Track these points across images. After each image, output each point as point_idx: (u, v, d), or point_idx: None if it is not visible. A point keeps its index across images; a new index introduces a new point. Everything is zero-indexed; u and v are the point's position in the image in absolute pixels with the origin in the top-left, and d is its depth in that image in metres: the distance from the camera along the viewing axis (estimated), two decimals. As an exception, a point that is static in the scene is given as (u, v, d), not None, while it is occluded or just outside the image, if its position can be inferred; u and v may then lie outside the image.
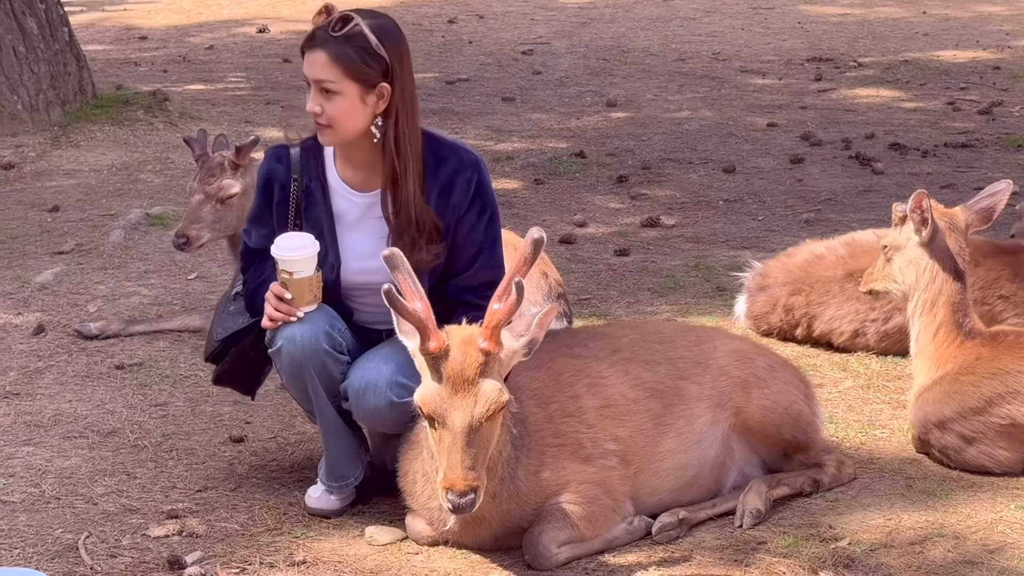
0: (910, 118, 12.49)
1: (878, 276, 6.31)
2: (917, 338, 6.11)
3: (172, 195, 10.10)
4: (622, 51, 15.59)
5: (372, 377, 5.27)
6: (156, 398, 6.73)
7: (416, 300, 4.84)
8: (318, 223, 5.41)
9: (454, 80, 13.99)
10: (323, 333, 5.29)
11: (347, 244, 5.44)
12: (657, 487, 5.46)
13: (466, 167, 5.44)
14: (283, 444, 6.25)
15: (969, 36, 16.24)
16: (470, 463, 4.78)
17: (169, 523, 5.48)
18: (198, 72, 14.50)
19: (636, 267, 8.63)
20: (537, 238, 4.90)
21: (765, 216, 9.70)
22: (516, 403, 5.12)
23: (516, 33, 16.63)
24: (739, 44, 15.97)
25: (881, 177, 10.54)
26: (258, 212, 5.59)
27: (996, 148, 11.38)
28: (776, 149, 11.44)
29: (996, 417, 5.80)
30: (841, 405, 6.61)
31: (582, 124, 12.43)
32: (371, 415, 5.36)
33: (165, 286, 8.30)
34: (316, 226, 5.40)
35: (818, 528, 5.43)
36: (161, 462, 6.07)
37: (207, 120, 11.84)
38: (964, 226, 6.10)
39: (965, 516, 5.53)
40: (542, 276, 6.87)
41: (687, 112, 12.81)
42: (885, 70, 14.47)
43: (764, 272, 7.54)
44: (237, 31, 16.75)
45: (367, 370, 5.30)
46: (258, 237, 5.56)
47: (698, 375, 5.60)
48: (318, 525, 5.53)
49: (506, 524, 5.20)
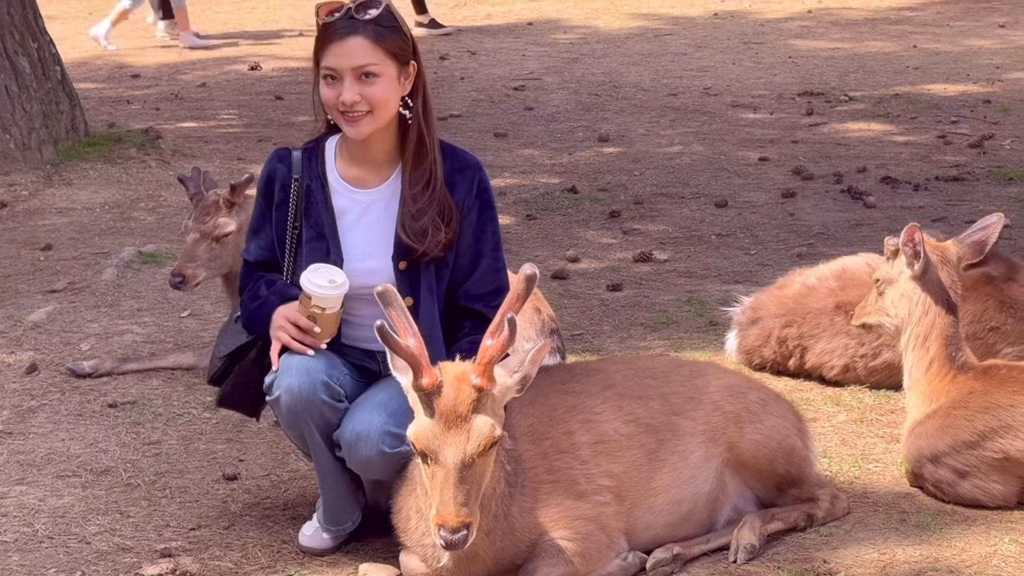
0: (901, 152, 12.51)
1: (870, 310, 6.31)
2: (910, 372, 6.11)
3: (165, 233, 10.10)
4: (613, 86, 15.62)
5: (363, 428, 5.25)
6: (149, 436, 6.72)
7: (409, 336, 4.84)
8: (318, 223, 5.41)
9: (446, 116, 14.00)
10: (321, 384, 5.28)
11: (349, 243, 5.44)
12: (651, 522, 5.46)
13: (469, 166, 5.53)
14: (276, 482, 6.24)
15: (959, 70, 16.27)
16: (463, 499, 4.77)
17: (163, 562, 5.47)
18: (190, 110, 14.51)
19: (629, 302, 8.64)
20: (530, 274, 4.90)
21: (757, 250, 9.71)
22: (510, 440, 5.12)
23: (508, 69, 16.65)
24: (730, 79, 16.00)
25: (873, 211, 10.55)
26: (258, 221, 5.58)
27: (987, 181, 11.40)
28: (768, 183, 11.45)
29: (989, 451, 5.80)
30: (834, 439, 6.61)
31: (574, 159, 12.44)
32: (363, 465, 5.34)
33: (158, 324, 8.30)
34: (317, 226, 5.41)
35: (812, 563, 5.42)
36: (154, 500, 6.06)
37: (200, 157, 11.84)
38: (956, 259, 6.11)
39: (959, 550, 5.53)
40: (535, 312, 6.88)
41: (679, 147, 12.83)
42: (876, 104, 14.50)
43: (755, 305, 7.53)
44: (229, 68, 16.78)
45: (359, 421, 5.28)
46: (257, 250, 5.56)
47: (691, 410, 5.60)
48: (312, 563, 5.52)
49: (500, 561, 5.19)
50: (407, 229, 5.37)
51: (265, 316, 5.38)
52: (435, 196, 5.38)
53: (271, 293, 5.44)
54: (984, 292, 7.10)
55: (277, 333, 5.32)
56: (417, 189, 5.38)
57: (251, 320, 5.50)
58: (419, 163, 5.41)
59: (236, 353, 5.63)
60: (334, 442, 5.37)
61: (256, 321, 5.46)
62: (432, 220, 5.35)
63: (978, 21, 19.61)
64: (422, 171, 5.40)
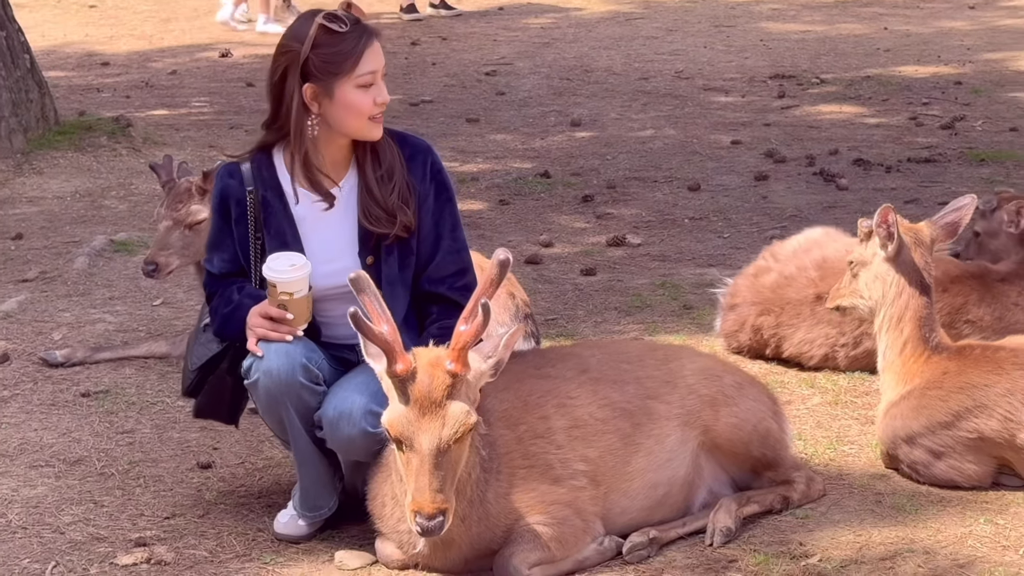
0: (873, 134, 12.52)
1: (844, 292, 6.32)
2: (884, 353, 6.12)
3: (136, 221, 10.06)
4: (585, 71, 15.60)
5: (346, 407, 5.25)
6: (123, 425, 6.70)
7: (383, 323, 4.83)
8: (280, 232, 5.40)
9: (418, 102, 13.97)
10: (300, 366, 5.28)
11: (313, 247, 5.43)
12: (627, 507, 5.46)
13: (420, 151, 5.54)
14: (251, 470, 6.22)
15: (930, 51, 16.29)
16: (438, 486, 4.77)
17: (137, 551, 5.45)
18: (161, 97, 14.45)
19: (603, 286, 8.63)
20: (503, 259, 4.90)
21: (731, 233, 9.71)
22: (485, 425, 5.12)
23: (479, 54, 16.62)
24: (702, 62, 15.98)
25: (845, 193, 10.56)
26: (217, 236, 5.55)
27: (959, 163, 11.42)
28: (740, 166, 11.45)
29: (964, 431, 5.81)
30: (809, 422, 6.62)
31: (546, 144, 12.43)
32: (345, 444, 5.34)
33: (130, 313, 8.26)
34: (279, 235, 5.39)
35: (788, 545, 5.43)
36: (128, 490, 6.04)
37: (171, 145, 11.78)
38: (930, 241, 6.11)
39: (935, 531, 5.54)
40: (509, 296, 6.87)
41: (651, 131, 12.82)
42: (847, 86, 14.51)
43: (733, 291, 7.53)
44: (200, 56, 16.70)
45: (341, 400, 5.28)
46: (220, 262, 5.53)
47: (666, 394, 5.60)
48: (287, 551, 5.51)
49: (476, 547, 5.19)
50: (371, 217, 5.36)
51: (240, 319, 5.37)
52: (396, 179, 5.39)
53: (244, 296, 5.43)
54: (968, 285, 7.11)
55: (253, 330, 5.31)
56: (380, 175, 5.38)
57: (224, 324, 5.47)
58: (376, 153, 5.40)
59: (208, 364, 5.61)
60: (314, 423, 5.36)
61: (230, 324, 5.43)
62: (397, 201, 5.36)
63: (948, 3, 19.64)
64: (380, 159, 5.40)
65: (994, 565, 5.27)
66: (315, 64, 5.29)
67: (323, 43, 5.29)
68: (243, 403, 5.76)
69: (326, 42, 5.29)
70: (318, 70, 5.29)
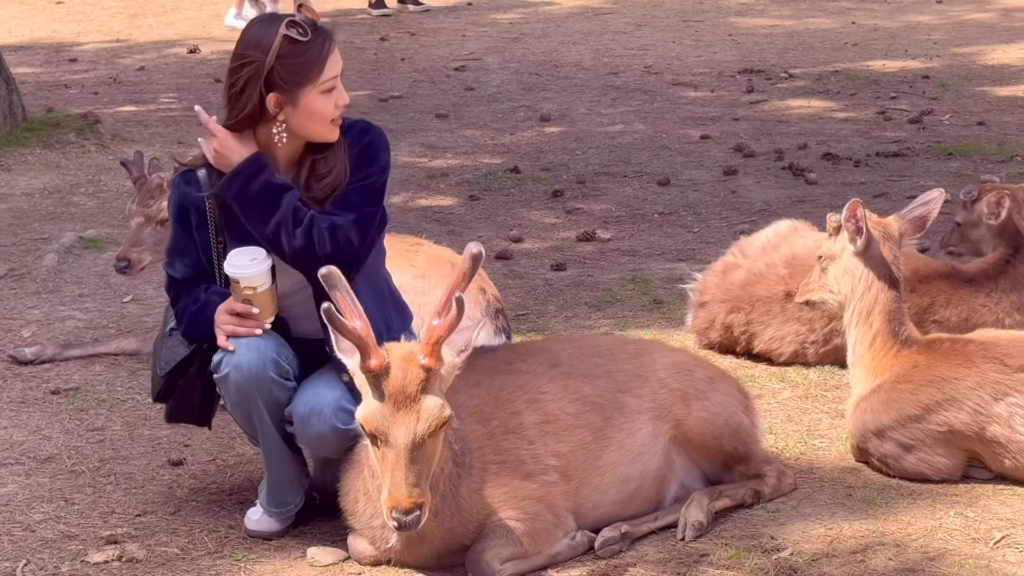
0: (842, 128, 12.56)
1: (814, 287, 6.34)
2: (854, 347, 6.14)
3: (106, 218, 10.03)
4: (554, 66, 15.61)
5: (317, 403, 5.25)
6: (93, 423, 6.68)
7: (355, 318, 4.83)
8: (242, 236, 5.37)
9: (387, 98, 13.96)
10: (270, 360, 5.27)
11: None
12: (599, 501, 5.47)
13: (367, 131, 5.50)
14: (222, 466, 6.21)
15: (898, 46, 16.34)
16: (414, 480, 4.77)
17: (108, 548, 5.43)
18: (129, 94, 14.40)
19: (573, 281, 8.64)
20: (476, 253, 4.91)
21: (700, 228, 9.73)
22: (457, 420, 5.12)
23: (448, 50, 16.61)
24: (670, 57, 16.01)
25: (814, 187, 10.59)
26: (178, 242, 5.51)
27: (927, 156, 11.46)
28: (710, 161, 11.48)
29: (934, 424, 5.84)
30: (780, 416, 6.63)
31: (516, 139, 12.43)
32: (315, 440, 5.34)
33: (100, 309, 8.24)
34: (241, 239, 5.36)
35: (760, 539, 5.44)
36: (99, 487, 6.02)
37: (139, 142, 11.75)
38: (898, 235, 6.14)
39: (905, 524, 5.56)
40: (480, 292, 6.87)
41: (620, 126, 12.84)
42: (816, 81, 14.55)
43: (701, 288, 7.52)
44: (168, 52, 16.65)
45: (312, 395, 5.28)
46: (183, 267, 5.51)
47: (638, 388, 5.61)
48: (259, 547, 5.50)
49: (449, 542, 5.19)
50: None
51: (208, 317, 5.35)
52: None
53: (211, 294, 5.41)
54: (936, 286, 7.12)
55: (221, 327, 5.30)
56: (316, 158, 5.37)
57: (193, 322, 5.44)
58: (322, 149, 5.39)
59: (177, 369, 5.60)
60: (284, 418, 5.36)
61: (199, 323, 5.41)
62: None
63: (916, -3, 19.73)
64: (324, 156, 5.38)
65: (964, 558, 5.29)
66: (280, 74, 5.24)
67: (287, 53, 5.24)
68: (215, 404, 5.73)
69: (290, 52, 5.25)
70: (283, 80, 5.25)
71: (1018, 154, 11.43)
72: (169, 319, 5.65)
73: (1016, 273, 7.16)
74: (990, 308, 7.08)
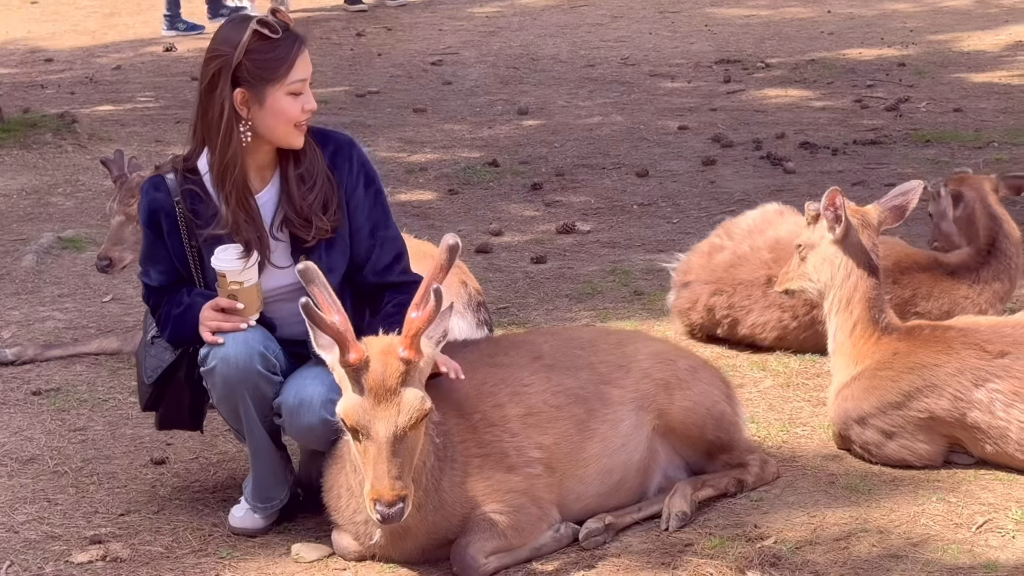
0: (819, 117, 12.58)
1: (793, 275, 6.35)
2: (834, 335, 6.15)
3: (84, 218, 10.01)
4: (531, 59, 15.62)
5: (306, 395, 5.25)
6: (75, 423, 6.67)
7: (334, 313, 4.83)
8: (213, 240, 5.35)
9: (364, 93, 13.95)
10: (257, 354, 5.26)
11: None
12: (583, 493, 5.47)
13: (343, 146, 5.51)
14: (205, 464, 6.21)
15: (874, 33, 16.37)
16: (397, 473, 4.77)
17: (92, 548, 5.42)
18: (106, 93, 14.38)
19: (553, 274, 8.64)
20: (452, 244, 4.92)
21: (679, 219, 9.74)
22: (438, 414, 5.12)
23: (425, 44, 16.60)
24: (647, 48, 16.02)
25: (793, 176, 10.61)
26: (151, 250, 5.49)
27: (904, 144, 11.49)
28: (688, 152, 11.49)
29: (915, 411, 5.85)
30: (762, 404, 6.64)
31: (494, 133, 12.44)
32: (304, 433, 5.34)
33: (80, 309, 8.23)
34: (212, 243, 5.35)
35: (743, 528, 5.45)
36: (82, 487, 6.01)
37: (117, 141, 11.73)
38: (877, 223, 6.15)
39: (888, 510, 5.57)
40: (461, 285, 6.87)
41: (598, 118, 12.84)
42: (793, 70, 14.57)
43: (685, 268, 7.54)
44: (144, 50, 16.63)
45: (301, 388, 5.28)
46: (158, 275, 5.49)
47: (620, 379, 5.61)
48: (244, 545, 5.50)
49: (433, 536, 5.19)
50: (290, 219, 5.33)
51: (193, 318, 5.34)
52: (318, 183, 5.36)
53: (194, 296, 5.39)
54: (918, 278, 7.14)
55: (206, 323, 5.29)
56: (300, 172, 5.35)
57: (179, 324, 5.41)
58: (298, 156, 5.38)
59: (164, 376, 5.59)
60: (270, 413, 5.36)
61: (184, 324, 5.39)
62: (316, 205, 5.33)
63: (891, -15, 19.76)
64: (300, 163, 5.37)
65: (947, 543, 5.30)
66: (248, 70, 5.24)
67: (256, 49, 5.24)
68: (205, 408, 5.72)
69: (259, 48, 5.24)
70: (251, 76, 5.24)
71: (995, 140, 11.47)
72: (150, 327, 5.63)
73: (997, 263, 7.18)
74: (972, 299, 7.10)
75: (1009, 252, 7.20)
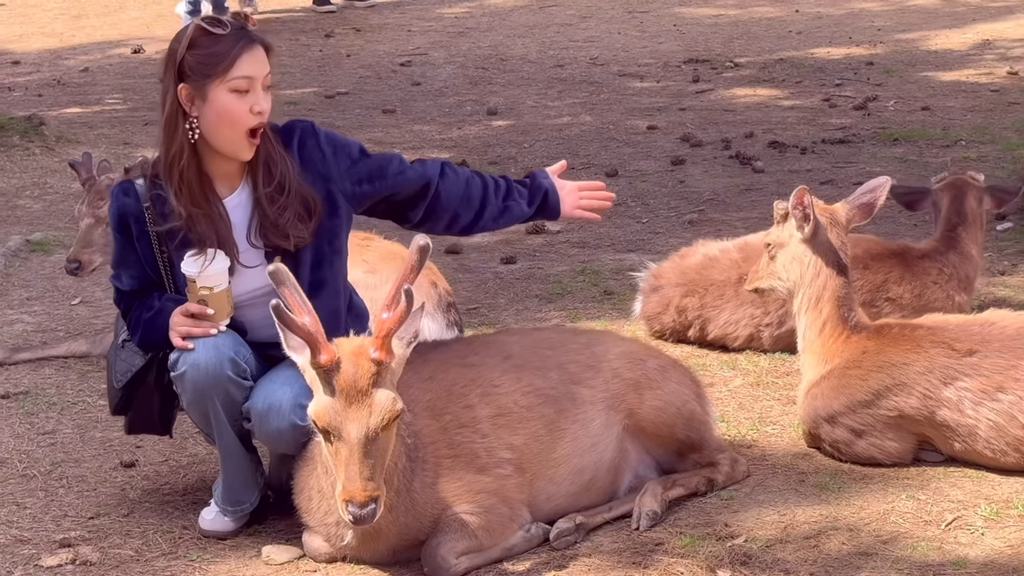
0: (788, 116, 12.60)
1: (763, 274, 6.36)
2: (804, 334, 6.17)
3: (52, 220, 9.97)
4: (500, 59, 15.62)
5: (275, 399, 5.23)
6: (44, 426, 6.64)
7: (304, 314, 4.82)
8: (183, 245, 5.33)
9: (333, 94, 13.93)
10: (227, 360, 5.25)
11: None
12: (553, 493, 5.47)
13: (308, 134, 5.47)
14: (175, 467, 6.19)
15: (842, 32, 16.42)
16: (369, 474, 4.77)
17: (62, 552, 5.41)
18: (74, 95, 14.33)
19: (523, 274, 8.65)
20: (423, 245, 4.92)
21: (649, 219, 9.75)
22: (409, 415, 5.12)
23: (394, 45, 16.59)
24: (616, 48, 16.04)
25: (762, 175, 10.63)
26: (121, 254, 5.47)
27: (873, 143, 11.52)
28: (657, 151, 11.51)
29: (884, 409, 5.87)
30: (732, 403, 6.66)
31: (464, 133, 12.43)
32: (274, 437, 5.32)
33: (48, 312, 8.20)
34: (182, 248, 5.33)
35: (714, 527, 5.46)
36: (51, 491, 5.99)
37: (85, 143, 11.68)
38: (845, 221, 6.16)
39: (858, 508, 5.59)
40: (431, 286, 6.87)
41: (567, 118, 12.85)
42: (761, 69, 14.60)
43: (657, 273, 7.56)
44: (112, 52, 16.58)
45: (270, 392, 5.27)
46: (129, 279, 5.47)
47: (590, 379, 5.62)
48: (214, 547, 5.49)
49: (404, 537, 5.19)
50: (267, 232, 5.31)
51: (163, 323, 5.32)
52: (291, 194, 5.32)
53: (165, 301, 5.38)
54: (889, 263, 7.17)
55: (176, 328, 5.27)
56: (271, 190, 5.31)
57: (149, 329, 5.40)
58: (269, 168, 5.35)
59: (134, 380, 5.57)
60: (239, 417, 5.35)
61: (154, 330, 5.37)
62: (292, 218, 5.30)
63: (859, -16, 19.82)
64: (272, 172, 5.34)
65: (917, 540, 5.32)
66: (190, 64, 5.21)
67: (199, 44, 5.22)
68: (174, 412, 5.71)
69: (202, 43, 5.22)
70: (192, 70, 5.21)
71: (962, 139, 11.50)
72: (121, 330, 5.61)
73: (959, 251, 7.22)
74: (940, 285, 7.14)
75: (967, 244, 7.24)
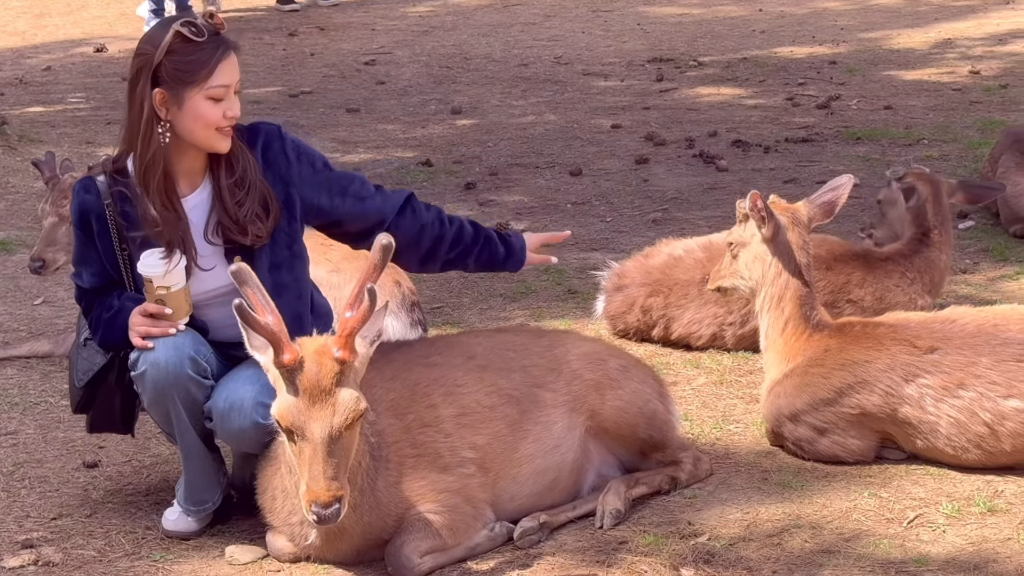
0: (751, 115, 12.63)
1: (725, 273, 6.38)
2: (766, 333, 6.19)
3: (14, 220, 9.93)
4: (464, 58, 15.62)
5: (237, 398, 5.22)
6: (6, 426, 6.62)
7: (267, 313, 4.81)
8: (144, 243, 5.32)
9: (297, 93, 13.90)
10: (188, 358, 5.24)
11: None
12: (517, 493, 5.48)
13: (274, 137, 5.45)
14: (138, 467, 6.18)
15: (805, 32, 16.46)
16: (332, 473, 4.76)
17: (24, 553, 5.39)
18: (36, 94, 14.27)
19: (487, 273, 8.63)
20: (386, 243, 4.91)
21: (613, 217, 9.76)
22: (373, 414, 5.11)
23: (358, 44, 16.57)
24: (580, 47, 16.05)
25: (725, 174, 10.66)
26: (82, 251, 5.45)
27: (836, 141, 11.55)
28: (621, 150, 11.52)
29: (846, 407, 5.89)
30: (695, 402, 6.67)
31: (428, 132, 12.43)
32: (235, 436, 5.31)
33: (10, 312, 8.17)
34: (143, 246, 5.32)
35: (678, 525, 5.48)
36: (13, 491, 5.97)
37: (47, 142, 11.62)
38: (807, 220, 6.18)
39: (821, 506, 5.61)
40: (395, 285, 6.87)
41: (532, 117, 12.86)
42: (725, 68, 14.63)
43: (621, 272, 7.57)
44: (75, 51, 16.51)
45: (232, 391, 5.26)
46: (90, 277, 5.45)
47: (552, 380, 5.63)
48: (177, 547, 5.48)
49: (368, 536, 5.19)
50: (226, 228, 5.30)
51: (122, 323, 5.30)
52: (251, 190, 5.32)
53: (124, 300, 5.36)
54: (851, 265, 7.20)
55: (135, 328, 5.26)
56: (232, 183, 5.31)
57: (108, 329, 5.38)
58: (231, 163, 5.34)
59: (95, 379, 5.55)
60: (200, 416, 5.33)
61: (113, 330, 5.36)
62: (251, 213, 5.30)
63: (822, -17, 19.86)
64: (234, 167, 5.33)
65: (879, 537, 5.35)
66: (167, 70, 5.20)
67: (177, 50, 5.20)
68: (136, 411, 5.69)
69: (181, 50, 5.20)
70: (169, 77, 5.20)
71: (924, 137, 11.55)
72: (83, 329, 5.60)
73: (927, 255, 7.25)
74: (903, 289, 7.18)
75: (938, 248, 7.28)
